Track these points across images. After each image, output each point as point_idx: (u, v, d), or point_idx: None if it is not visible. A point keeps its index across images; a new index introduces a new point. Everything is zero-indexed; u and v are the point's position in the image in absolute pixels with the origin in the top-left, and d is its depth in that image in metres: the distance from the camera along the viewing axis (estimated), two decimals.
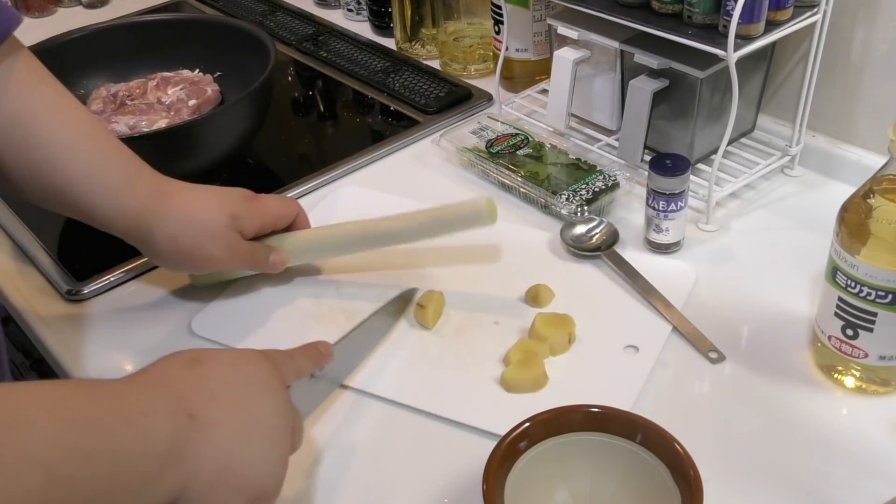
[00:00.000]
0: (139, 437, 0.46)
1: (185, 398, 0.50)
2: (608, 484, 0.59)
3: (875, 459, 0.63)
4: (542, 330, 0.72)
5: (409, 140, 1.03)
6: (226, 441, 0.50)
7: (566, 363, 0.71)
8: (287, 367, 0.59)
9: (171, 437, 0.47)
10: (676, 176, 0.78)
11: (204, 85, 1.04)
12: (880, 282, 0.62)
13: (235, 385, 0.53)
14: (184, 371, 0.52)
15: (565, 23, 0.92)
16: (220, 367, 0.54)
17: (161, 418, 0.48)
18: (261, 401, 0.54)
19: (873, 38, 0.83)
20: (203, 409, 0.50)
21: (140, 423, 0.46)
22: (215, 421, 0.50)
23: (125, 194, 0.70)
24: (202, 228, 0.72)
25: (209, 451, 0.49)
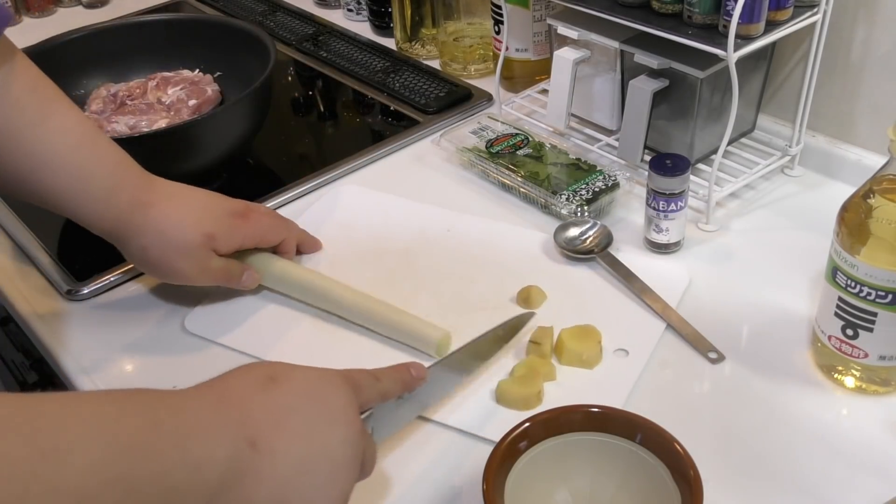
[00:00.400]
0: (191, 466, 0.44)
1: (250, 422, 0.48)
2: (608, 484, 0.59)
3: (875, 459, 0.63)
4: (570, 345, 0.71)
5: (409, 140, 1.03)
6: (285, 472, 0.48)
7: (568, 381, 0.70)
8: (370, 391, 0.56)
9: (226, 464, 0.45)
10: (676, 176, 0.78)
11: (204, 85, 1.04)
12: (880, 282, 0.62)
13: (307, 412, 0.51)
14: (256, 391, 0.50)
15: (565, 23, 0.92)
16: (295, 389, 0.51)
17: (219, 445, 0.46)
18: (332, 432, 0.51)
19: (873, 38, 0.83)
20: (267, 437, 0.48)
21: (195, 451, 0.44)
22: (277, 450, 0.48)
23: (106, 204, 0.71)
24: (174, 245, 0.73)
25: (265, 483, 0.47)
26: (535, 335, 0.72)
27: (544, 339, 0.71)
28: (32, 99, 0.68)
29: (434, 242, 0.85)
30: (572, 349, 0.71)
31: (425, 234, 0.87)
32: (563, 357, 0.71)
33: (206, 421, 0.46)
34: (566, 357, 0.71)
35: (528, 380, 0.68)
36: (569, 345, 0.71)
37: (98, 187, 0.71)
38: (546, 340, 0.71)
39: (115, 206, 0.72)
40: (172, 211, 0.73)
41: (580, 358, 0.71)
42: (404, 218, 0.89)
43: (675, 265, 0.81)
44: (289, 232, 0.81)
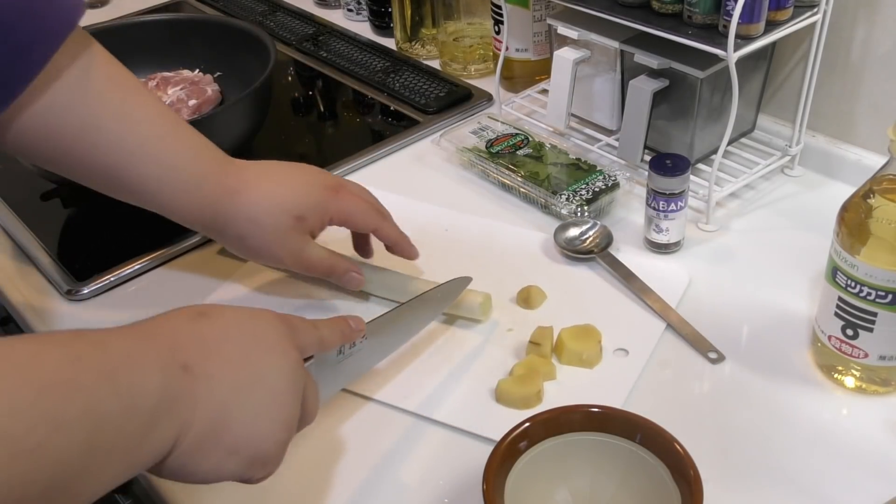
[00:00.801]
0: (122, 394, 0.42)
1: (180, 349, 0.47)
2: (608, 484, 0.59)
3: (875, 459, 0.63)
4: (570, 344, 0.71)
5: (410, 140, 1.03)
6: (222, 395, 0.47)
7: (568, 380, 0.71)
8: (307, 334, 0.55)
9: (160, 390, 0.44)
10: (676, 176, 0.78)
11: (204, 85, 1.04)
12: (880, 282, 0.62)
13: (240, 340, 0.50)
14: (185, 323, 0.49)
15: (565, 23, 0.92)
16: (226, 322, 0.51)
17: (149, 372, 0.44)
18: (266, 359, 0.50)
19: (873, 38, 0.83)
20: (199, 361, 0.47)
21: (123, 380, 0.43)
22: (212, 373, 0.47)
23: (194, 196, 0.70)
24: (267, 232, 0.71)
25: (203, 404, 0.46)
26: (534, 335, 0.72)
27: (544, 339, 0.71)
28: (114, 91, 0.67)
29: (433, 242, 0.85)
30: (572, 349, 0.71)
31: (424, 233, 0.87)
32: (563, 357, 0.71)
33: (133, 352, 0.45)
34: (566, 357, 0.71)
35: (528, 379, 0.68)
36: (569, 344, 0.71)
37: (185, 177, 0.69)
38: (546, 340, 0.71)
39: (204, 195, 0.70)
40: (260, 196, 0.70)
41: (580, 357, 0.71)
42: (402, 217, 0.89)
43: (675, 265, 0.81)
44: (383, 220, 0.76)
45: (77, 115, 0.65)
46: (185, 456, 0.46)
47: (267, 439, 0.50)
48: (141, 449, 0.44)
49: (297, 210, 0.71)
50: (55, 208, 0.95)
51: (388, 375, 0.72)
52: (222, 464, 0.48)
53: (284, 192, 0.71)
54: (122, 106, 0.67)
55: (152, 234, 0.88)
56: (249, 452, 0.49)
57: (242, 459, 0.49)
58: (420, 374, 0.72)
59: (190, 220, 0.71)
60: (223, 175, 0.71)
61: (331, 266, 0.74)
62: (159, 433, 0.44)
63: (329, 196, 0.73)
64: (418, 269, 0.82)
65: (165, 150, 0.68)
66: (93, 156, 0.66)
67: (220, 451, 0.47)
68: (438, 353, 0.74)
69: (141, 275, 0.85)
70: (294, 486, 0.64)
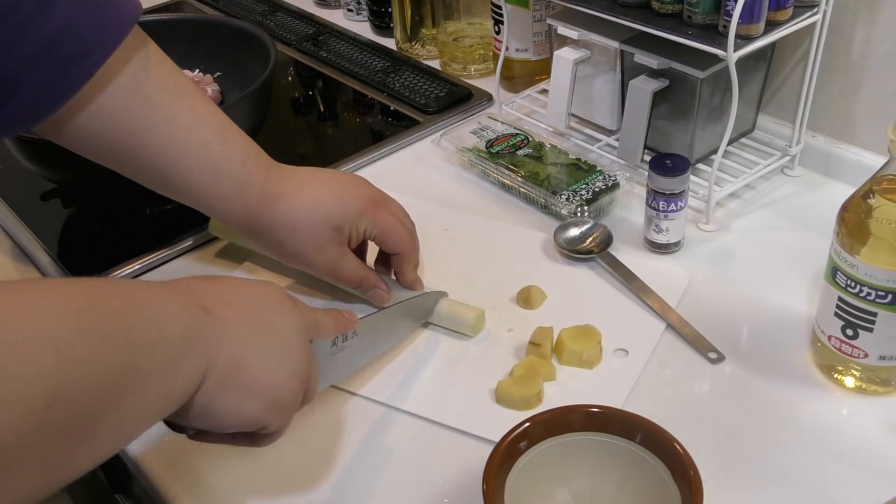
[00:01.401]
0: (151, 323, 0.44)
1: (198, 296, 0.50)
2: (608, 484, 0.59)
3: (875, 459, 0.63)
4: (570, 345, 0.71)
5: (410, 140, 1.03)
6: (240, 338, 0.50)
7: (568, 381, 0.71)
8: (307, 312, 0.58)
9: (185, 325, 0.46)
10: (676, 176, 0.78)
11: (204, 85, 1.04)
12: (880, 282, 0.62)
13: (252, 298, 0.53)
14: (200, 281, 0.52)
15: (565, 23, 0.92)
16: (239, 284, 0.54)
17: (173, 308, 0.47)
18: (278, 315, 0.53)
19: (873, 38, 0.83)
20: (217, 306, 0.49)
21: (152, 311, 0.45)
22: (229, 319, 0.50)
23: (236, 201, 0.71)
24: (305, 240, 0.72)
25: (224, 345, 0.48)
26: (534, 336, 0.72)
27: (544, 340, 0.71)
28: (164, 96, 0.68)
29: (431, 242, 0.85)
30: (572, 349, 0.71)
31: (423, 233, 0.87)
32: (563, 357, 0.71)
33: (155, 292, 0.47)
34: (566, 357, 0.71)
35: (528, 380, 0.68)
36: (569, 345, 0.71)
37: (228, 183, 0.70)
38: (546, 341, 0.71)
39: (246, 201, 0.71)
40: (300, 204, 0.72)
41: (580, 358, 0.71)
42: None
43: (675, 265, 0.81)
44: (411, 249, 0.76)
45: (127, 119, 0.66)
46: (210, 393, 0.48)
47: (283, 384, 0.52)
48: (175, 378, 0.46)
49: (337, 221, 0.72)
50: (55, 208, 0.95)
51: (389, 377, 0.72)
52: (243, 404, 0.50)
53: (325, 202, 0.72)
54: (170, 111, 0.68)
55: (152, 234, 0.88)
56: (268, 395, 0.51)
57: (261, 402, 0.51)
58: (420, 375, 0.72)
59: (232, 222, 0.73)
60: (266, 182, 0.72)
61: (361, 279, 0.75)
62: (188, 364, 0.46)
63: (369, 210, 0.74)
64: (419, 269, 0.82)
65: (211, 156, 0.69)
66: (141, 157, 0.68)
67: (241, 390, 0.49)
68: (438, 355, 0.74)
69: (141, 275, 0.85)
70: (294, 485, 0.64)
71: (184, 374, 0.46)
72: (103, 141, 0.67)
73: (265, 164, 0.73)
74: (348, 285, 0.76)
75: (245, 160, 0.71)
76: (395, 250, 0.76)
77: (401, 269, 0.77)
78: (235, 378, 0.49)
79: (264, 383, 0.51)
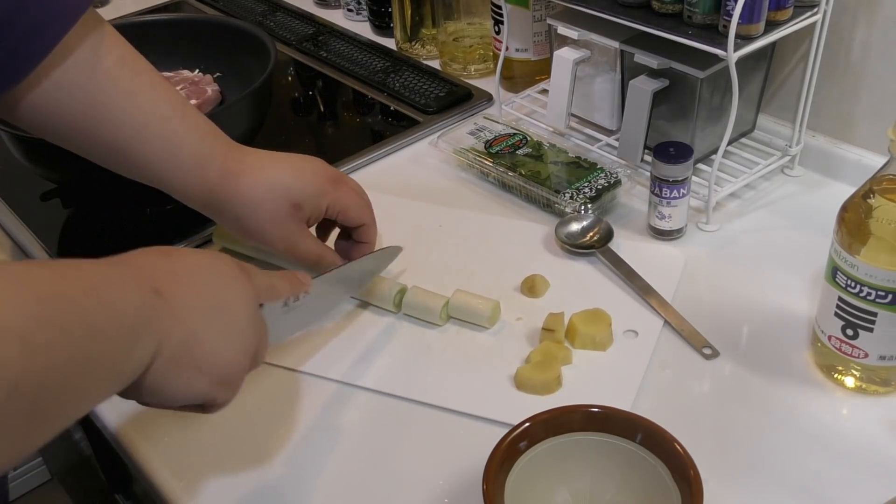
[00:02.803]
0: (107, 309, 0.45)
1: (151, 276, 0.50)
2: (608, 484, 0.59)
3: (875, 459, 0.63)
4: (582, 328, 0.72)
5: (410, 140, 1.03)
6: (191, 318, 0.51)
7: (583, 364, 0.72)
8: (260, 280, 0.59)
9: (137, 309, 0.47)
10: (679, 163, 0.79)
11: (204, 85, 1.04)
12: (880, 282, 0.62)
13: (203, 274, 0.54)
14: (154, 258, 0.52)
15: (565, 23, 0.92)
16: (190, 260, 0.54)
17: (127, 291, 0.47)
18: (229, 292, 0.54)
19: (873, 38, 0.83)
20: (169, 288, 0.50)
21: (106, 296, 0.46)
22: (181, 299, 0.51)
23: (196, 175, 0.71)
24: (265, 216, 0.72)
25: (175, 325, 0.50)
26: (547, 322, 0.73)
27: (557, 325, 0.73)
28: (124, 70, 0.68)
29: (429, 238, 0.86)
30: (585, 332, 0.72)
31: (419, 230, 0.87)
32: (577, 341, 0.72)
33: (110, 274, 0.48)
34: (579, 340, 0.72)
35: (547, 365, 0.70)
36: (581, 328, 0.72)
37: (189, 157, 0.71)
38: (559, 326, 0.73)
39: (206, 175, 0.71)
40: (261, 180, 0.72)
41: (593, 340, 0.72)
42: (395, 215, 0.90)
43: (671, 248, 0.83)
44: (371, 220, 0.78)
45: (86, 93, 0.66)
46: (160, 372, 0.49)
47: (231, 361, 0.53)
48: (126, 360, 0.47)
49: (296, 198, 0.72)
50: (55, 208, 0.95)
51: (405, 371, 0.72)
52: (192, 381, 0.51)
53: (285, 179, 0.73)
54: (130, 85, 0.68)
55: (152, 234, 0.88)
56: (216, 372, 0.52)
57: (210, 379, 0.52)
58: (437, 367, 0.72)
59: (191, 199, 0.73)
60: (226, 158, 0.72)
61: (319, 257, 0.76)
62: (140, 347, 0.47)
63: (329, 188, 0.74)
64: (420, 266, 0.82)
65: (171, 130, 0.70)
66: (100, 133, 0.68)
67: (191, 369, 0.51)
68: (453, 347, 0.74)
69: None
70: (294, 484, 0.64)
71: (136, 356, 0.47)
72: (62, 116, 0.67)
73: (225, 141, 0.73)
74: (307, 263, 0.76)
75: (204, 136, 0.72)
76: (358, 222, 0.77)
77: (365, 240, 0.78)
78: (185, 358, 0.50)
79: (213, 362, 0.52)
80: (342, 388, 0.72)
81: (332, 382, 0.72)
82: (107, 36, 0.68)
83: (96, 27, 0.67)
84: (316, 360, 0.74)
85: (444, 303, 0.75)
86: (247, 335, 0.55)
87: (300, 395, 0.71)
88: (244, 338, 0.54)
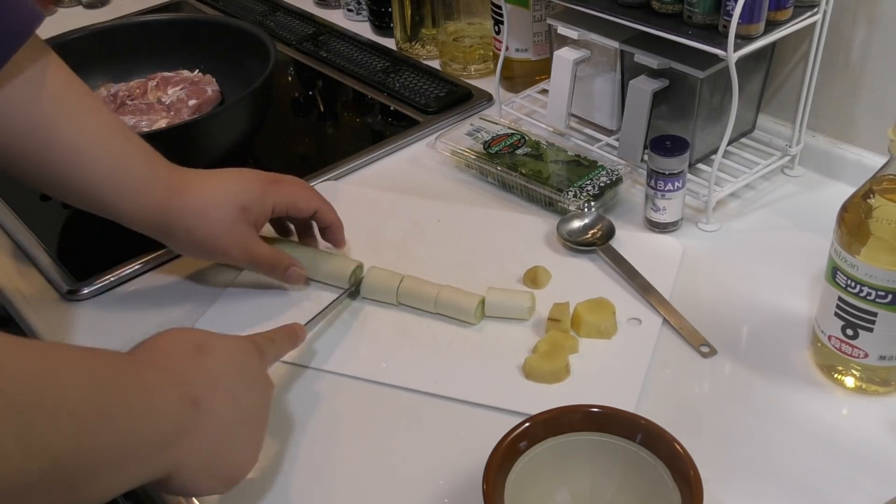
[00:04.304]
0: (151, 410, 0.49)
1: (190, 385, 0.53)
2: (608, 484, 0.59)
3: (875, 459, 0.63)
4: (587, 317, 0.73)
5: (409, 140, 1.03)
6: (219, 429, 0.54)
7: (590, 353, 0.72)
8: (269, 353, 0.63)
9: (176, 417, 0.51)
10: (675, 156, 0.80)
11: (204, 85, 1.04)
12: (880, 282, 0.62)
13: (231, 377, 0.57)
14: (188, 358, 0.55)
15: (565, 23, 0.92)
16: (220, 357, 0.57)
17: (170, 399, 0.51)
18: (250, 395, 0.58)
19: (873, 38, 0.83)
20: (206, 396, 0.54)
21: (155, 399, 0.50)
22: (213, 410, 0.54)
23: (143, 193, 0.72)
24: (216, 224, 0.74)
25: (206, 436, 0.53)
26: (552, 312, 0.74)
27: (562, 315, 0.73)
28: (69, 93, 0.70)
29: (428, 234, 0.86)
30: (590, 321, 0.73)
31: (418, 226, 0.87)
32: (582, 330, 0.73)
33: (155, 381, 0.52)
34: (585, 329, 0.73)
35: (554, 354, 0.70)
36: (586, 317, 0.73)
37: (135, 177, 0.72)
38: (564, 316, 0.73)
39: (153, 194, 0.72)
40: (207, 191, 0.74)
41: (598, 329, 0.73)
42: (394, 211, 0.90)
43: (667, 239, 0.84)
44: (322, 203, 0.80)
45: (31, 115, 0.67)
46: (185, 476, 0.53)
47: (248, 466, 0.58)
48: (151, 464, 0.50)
49: (243, 202, 0.75)
50: (55, 208, 0.95)
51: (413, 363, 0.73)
52: (209, 485, 0.55)
53: (229, 186, 0.75)
54: (76, 108, 0.70)
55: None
56: (234, 476, 0.57)
57: (228, 482, 0.57)
58: (445, 359, 0.73)
59: (138, 221, 0.74)
60: (170, 176, 0.74)
61: (276, 259, 0.78)
62: (167, 455, 0.51)
63: (270, 187, 0.77)
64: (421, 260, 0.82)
65: (116, 151, 0.72)
66: (45, 155, 0.69)
67: (210, 476, 0.55)
68: (459, 339, 0.75)
69: (141, 275, 0.85)
70: (294, 483, 0.64)
71: (166, 458, 0.51)
72: (6, 138, 0.68)
73: (166, 161, 0.75)
74: (263, 267, 0.78)
75: (148, 156, 0.74)
76: (311, 209, 0.79)
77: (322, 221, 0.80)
78: (207, 468, 0.54)
79: (231, 468, 0.57)
80: (344, 382, 0.72)
81: (334, 376, 0.72)
82: (51, 62, 0.69)
83: (41, 52, 0.68)
84: (321, 355, 0.74)
85: (480, 301, 0.75)
86: (262, 435, 0.59)
87: (301, 390, 0.71)
88: (260, 438, 0.59)
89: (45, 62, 0.68)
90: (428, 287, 0.77)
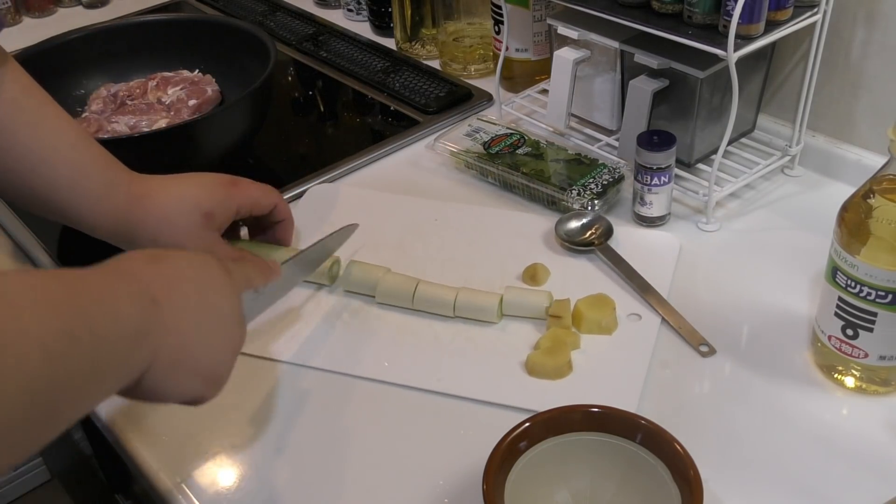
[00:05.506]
0: (111, 319, 0.48)
1: (148, 286, 0.52)
2: (608, 484, 0.59)
3: (875, 459, 0.63)
4: (588, 313, 0.73)
5: (409, 140, 1.03)
6: (184, 323, 0.53)
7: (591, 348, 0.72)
8: (238, 275, 0.61)
9: (137, 319, 0.50)
10: (662, 151, 0.80)
11: (204, 85, 1.04)
12: (880, 282, 0.62)
13: (192, 277, 0.56)
14: (145, 264, 0.54)
15: (565, 23, 0.92)
16: (179, 264, 0.56)
17: (127, 302, 0.50)
18: (215, 292, 0.57)
19: (873, 39, 0.83)
20: (164, 294, 0.52)
21: (110, 307, 0.48)
22: (174, 304, 0.53)
23: (105, 202, 0.72)
24: (180, 231, 0.74)
25: (170, 332, 0.52)
26: (553, 309, 0.74)
27: (563, 312, 0.73)
28: (29, 100, 0.70)
29: (426, 233, 0.86)
30: (591, 317, 0.73)
31: (417, 225, 0.87)
32: (583, 326, 0.73)
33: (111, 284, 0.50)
34: (586, 325, 0.73)
35: (557, 350, 0.70)
36: (587, 313, 0.73)
37: (96, 184, 0.72)
38: (565, 312, 0.73)
39: (114, 201, 0.72)
40: (168, 198, 0.74)
41: (599, 325, 0.73)
42: (391, 211, 0.90)
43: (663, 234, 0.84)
44: (279, 197, 0.81)
45: None
46: (157, 375, 0.51)
47: (221, 363, 0.56)
48: (127, 366, 0.49)
49: (206, 207, 0.75)
50: None
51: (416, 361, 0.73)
52: (186, 383, 0.54)
53: (192, 193, 0.75)
54: (36, 114, 0.70)
55: None
56: (208, 374, 0.55)
57: (203, 379, 0.55)
58: (447, 357, 0.73)
59: (100, 228, 0.74)
60: (130, 183, 0.74)
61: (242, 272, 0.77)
62: (140, 353, 0.50)
63: (233, 190, 0.77)
64: (419, 259, 0.82)
65: (77, 157, 0.71)
66: (4, 161, 0.69)
67: (185, 371, 0.53)
68: (461, 337, 0.75)
69: None
70: (294, 483, 0.64)
71: (136, 362, 0.50)
72: None
73: (126, 169, 0.75)
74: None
75: (108, 163, 0.73)
76: (271, 206, 0.80)
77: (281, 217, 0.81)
78: (180, 361, 0.53)
79: (205, 365, 0.55)
80: (345, 382, 0.72)
81: (335, 375, 0.72)
82: (10, 69, 0.69)
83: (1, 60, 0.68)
84: (322, 355, 0.74)
85: (499, 301, 0.75)
86: (234, 333, 0.57)
87: (301, 390, 0.71)
88: (232, 336, 0.57)
89: (2, 70, 0.68)
90: (445, 291, 0.77)
